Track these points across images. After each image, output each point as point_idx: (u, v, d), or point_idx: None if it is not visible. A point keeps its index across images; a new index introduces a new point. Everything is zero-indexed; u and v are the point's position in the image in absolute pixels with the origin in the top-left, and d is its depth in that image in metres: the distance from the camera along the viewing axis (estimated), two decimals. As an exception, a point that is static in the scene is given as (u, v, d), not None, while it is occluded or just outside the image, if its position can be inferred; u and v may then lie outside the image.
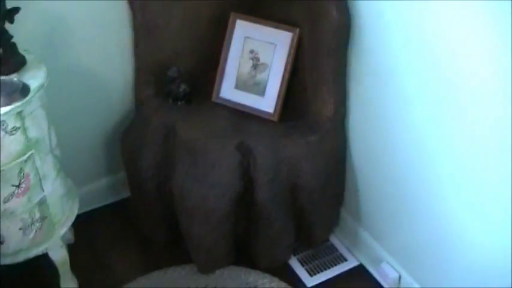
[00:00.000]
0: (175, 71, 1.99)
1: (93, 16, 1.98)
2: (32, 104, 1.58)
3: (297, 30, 1.92)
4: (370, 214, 1.99)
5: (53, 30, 1.92)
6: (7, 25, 1.63)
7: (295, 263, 2.12)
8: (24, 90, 1.56)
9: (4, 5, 1.60)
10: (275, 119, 1.96)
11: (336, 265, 2.12)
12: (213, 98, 2.05)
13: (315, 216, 2.00)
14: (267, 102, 1.98)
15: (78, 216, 1.89)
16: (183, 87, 2.01)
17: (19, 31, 1.67)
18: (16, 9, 1.63)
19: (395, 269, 1.95)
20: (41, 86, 1.60)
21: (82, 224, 2.05)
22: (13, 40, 1.66)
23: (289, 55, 1.95)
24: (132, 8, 2.00)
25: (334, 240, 2.20)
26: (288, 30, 1.94)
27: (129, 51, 2.10)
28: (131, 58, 2.11)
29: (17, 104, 1.53)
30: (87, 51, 2.03)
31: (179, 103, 2.02)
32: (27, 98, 1.55)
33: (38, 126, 1.61)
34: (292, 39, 1.94)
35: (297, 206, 1.96)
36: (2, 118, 1.50)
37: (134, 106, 2.17)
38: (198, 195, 1.86)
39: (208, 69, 2.06)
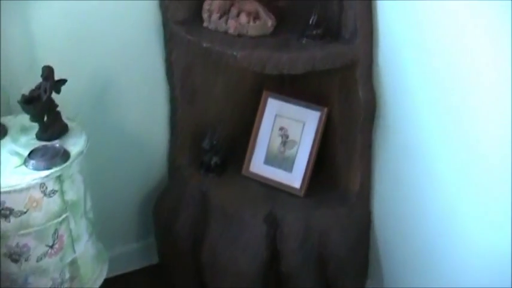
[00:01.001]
0: (208, 143, 2.08)
1: (138, 84, 2.10)
2: (71, 169, 1.68)
3: (325, 109, 2.01)
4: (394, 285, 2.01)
5: (97, 95, 2.05)
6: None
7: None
8: (64, 155, 1.66)
9: (52, 77, 1.72)
10: (302, 194, 2.03)
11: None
12: (244, 172, 2.12)
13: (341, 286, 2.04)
14: (295, 178, 2.06)
15: (106, 280, 1.95)
16: (214, 159, 2.10)
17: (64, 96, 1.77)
18: (63, 81, 1.75)
19: None
20: (81, 153, 1.70)
21: (110, 287, 2.11)
22: (58, 109, 1.77)
23: (317, 133, 2.03)
24: (171, 80, 2.10)
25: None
26: (317, 110, 2.03)
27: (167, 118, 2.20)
28: (167, 126, 2.21)
29: (57, 168, 1.63)
30: (127, 115, 2.15)
31: (210, 175, 2.10)
32: (67, 163, 1.65)
33: (75, 190, 1.70)
34: (321, 118, 2.02)
35: (324, 276, 2.01)
36: (42, 181, 1.59)
37: (168, 172, 2.25)
38: (230, 257, 1.94)
39: (247, 137, 2.15)
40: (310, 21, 1.85)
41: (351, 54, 1.82)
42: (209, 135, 2.10)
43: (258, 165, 2.12)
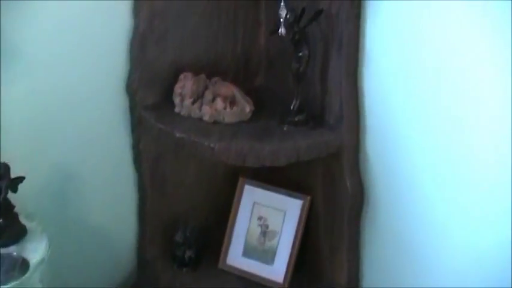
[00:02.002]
0: (181, 235, 1.92)
1: (103, 173, 1.94)
2: (31, 280, 1.49)
3: (308, 197, 1.88)
4: None
5: (59, 187, 1.87)
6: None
7: None
8: (23, 266, 1.48)
9: (8, 175, 1.55)
10: (285, 289, 1.86)
11: None
12: (220, 265, 1.96)
13: None
14: (276, 272, 1.91)
15: None
16: (188, 253, 1.94)
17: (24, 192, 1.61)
18: (20, 179, 1.58)
19: None
20: (41, 261, 1.52)
21: None
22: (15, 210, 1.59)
23: (299, 223, 1.89)
24: (139, 169, 1.94)
25: None
26: (299, 198, 1.89)
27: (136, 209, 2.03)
28: (136, 216, 2.04)
29: (16, 282, 1.44)
30: (92, 207, 1.97)
31: (184, 270, 1.94)
32: (26, 275, 1.46)
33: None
34: (303, 207, 1.89)
35: None
36: (-3, 297, 1.41)
37: (137, 267, 2.07)
38: None
39: (223, 226, 1.99)
40: (292, 106, 1.70)
41: (337, 141, 1.69)
42: (182, 226, 1.94)
43: (235, 257, 1.96)
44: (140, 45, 1.82)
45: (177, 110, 1.79)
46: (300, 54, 1.65)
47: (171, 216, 2.00)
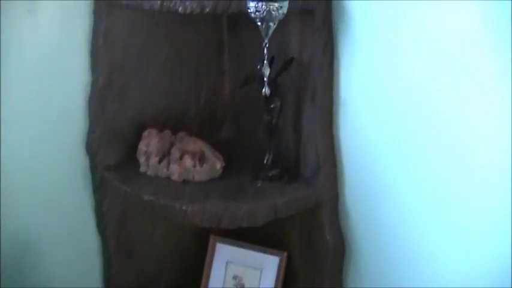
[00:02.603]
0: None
1: (64, 238, 1.82)
2: None
3: (285, 254, 1.78)
4: None
5: (16, 258, 1.74)
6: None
7: None
8: None
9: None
10: None
11: None
12: (194, 331, 1.84)
13: None
14: (255, 334, 1.78)
15: None
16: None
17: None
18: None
19: None
20: None
21: None
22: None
23: (277, 281, 1.79)
24: (103, 233, 1.81)
25: None
26: (275, 255, 1.79)
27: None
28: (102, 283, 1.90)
29: None
30: (53, 276, 1.83)
31: None
32: None
33: None
34: (280, 264, 1.79)
35: None
36: None
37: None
38: None
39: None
40: (265, 161, 1.61)
41: (314, 196, 1.60)
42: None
43: (210, 322, 1.83)
44: (99, 101, 1.72)
45: (142, 169, 1.68)
46: (272, 106, 1.56)
47: (139, 280, 1.88)
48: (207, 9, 1.40)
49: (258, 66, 1.51)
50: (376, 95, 1.51)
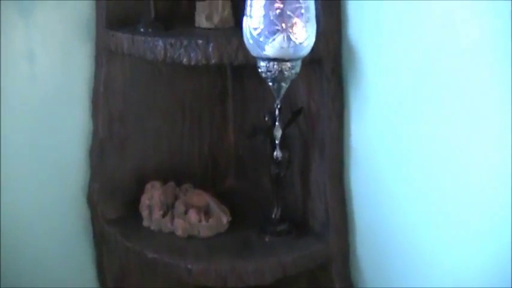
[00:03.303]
0: None
1: None
2: None
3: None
4: None
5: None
6: None
7: None
8: None
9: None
10: None
11: None
12: None
13: None
14: None
15: None
16: None
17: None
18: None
19: None
20: None
21: None
22: None
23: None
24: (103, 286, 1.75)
25: None
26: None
27: None
28: None
29: None
30: None
31: None
32: None
33: None
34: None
35: None
36: None
37: None
38: None
39: None
40: (273, 215, 1.55)
41: (324, 251, 1.54)
42: None
43: None
44: (99, 151, 1.66)
45: (145, 223, 1.62)
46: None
47: None
48: (213, 61, 1.34)
49: (266, 118, 1.46)
50: (389, 145, 1.45)
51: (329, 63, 1.46)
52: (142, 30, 1.50)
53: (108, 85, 1.64)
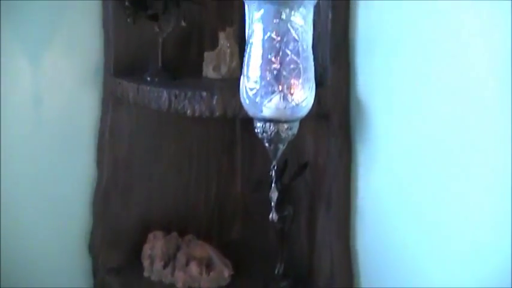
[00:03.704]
0: None
1: None
2: None
3: None
4: None
5: None
6: None
7: None
8: None
9: None
10: None
11: None
12: None
13: None
14: None
15: None
16: None
17: None
18: None
19: None
20: None
21: None
22: None
23: None
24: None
25: None
26: None
27: None
28: None
29: None
30: None
31: None
32: None
33: None
34: None
35: None
36: None
37: None
38: None
39: None
40: (276, 271, 1.51)
41: (329, 309, 1.47)
42: None
43: None
44: (103, 198, 1.64)
45: (146, 274, 1.59)
46: (284, 213, 1.46)
47: None
48: (217, 114, 1.32)
49: (271, 172, 1.43)
50: (397, 201, 1.41)
51: (337, 117, 1.43)
52: (148, 79, 1.49)
53: (114, 132, 1.63)
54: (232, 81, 1.44)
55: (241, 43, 1.43)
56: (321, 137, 1.48)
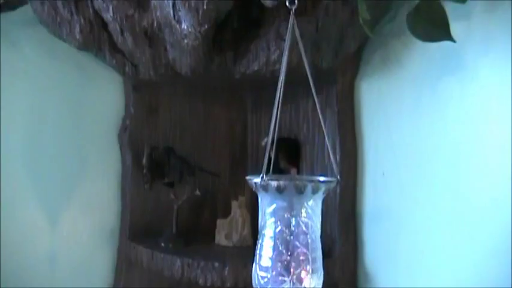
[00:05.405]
0: None
1: None
2: None
3: None
4: None
5: None
6: None
7: None
8: None
9: None
10: None
11: None
12: None
13: None
14: None
15: None
16: None
17: None
18: None
19: None
20: None
21: None
22: None
23: None
24: None
25: None
26: None
27: None
28: None
29: None
30: None
31: None
32: None
33: None
34: None
35: None
36: None
37: None
38: None
39: None
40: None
41: None
42: None
43: None
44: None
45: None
46: None
47: None
48: (228, 284, 1.36)
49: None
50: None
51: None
52: (163, 244, 1.53)
53: (127, 292, 1.65)
54: (244, 250, 1.50)
55: (253, 212, 1.50)
56: None
